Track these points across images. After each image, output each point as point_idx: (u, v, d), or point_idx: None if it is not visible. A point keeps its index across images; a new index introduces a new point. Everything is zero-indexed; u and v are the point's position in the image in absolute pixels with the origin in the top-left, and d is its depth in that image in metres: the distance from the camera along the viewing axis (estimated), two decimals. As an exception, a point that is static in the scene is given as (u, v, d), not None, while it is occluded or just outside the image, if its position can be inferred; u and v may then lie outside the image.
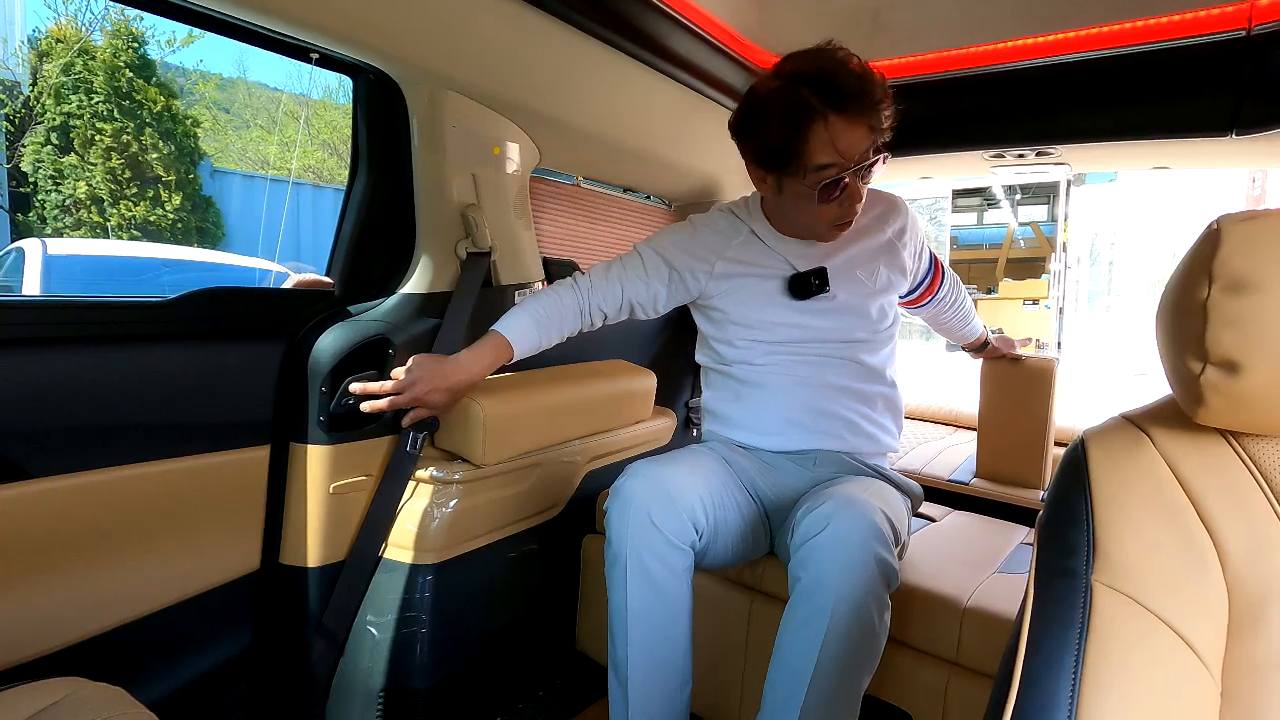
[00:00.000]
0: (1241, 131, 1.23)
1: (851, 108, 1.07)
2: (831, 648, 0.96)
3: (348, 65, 1.15)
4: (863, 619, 0.97)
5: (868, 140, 1.11)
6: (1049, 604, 0.53)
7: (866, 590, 0.97)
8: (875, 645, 1.00)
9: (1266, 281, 0.49)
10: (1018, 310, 9.83)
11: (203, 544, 1.09)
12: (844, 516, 1.00)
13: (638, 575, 1.08)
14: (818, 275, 1.25)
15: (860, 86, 1.07)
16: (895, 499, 1.20)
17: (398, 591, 1.24)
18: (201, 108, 9.51)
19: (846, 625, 0.96)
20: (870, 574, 0.98)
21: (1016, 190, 6.17)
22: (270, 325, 1.17)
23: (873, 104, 1.08)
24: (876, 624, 0.99)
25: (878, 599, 0.99)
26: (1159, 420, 0.59)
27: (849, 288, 1.27)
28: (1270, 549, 0.52)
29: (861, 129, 1.09)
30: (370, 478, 1.26)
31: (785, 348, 1.28)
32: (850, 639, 0.96)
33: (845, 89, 1.06)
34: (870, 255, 1.30)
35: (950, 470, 1.95)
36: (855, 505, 1.02)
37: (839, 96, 1.06)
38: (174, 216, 7.14)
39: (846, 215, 1.19)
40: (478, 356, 1.20)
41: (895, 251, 1.32)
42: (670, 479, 1.11)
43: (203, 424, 1.06)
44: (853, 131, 1.08)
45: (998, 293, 10.03)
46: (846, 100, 1.06)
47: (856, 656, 0.98)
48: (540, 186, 1.66)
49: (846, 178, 1.12)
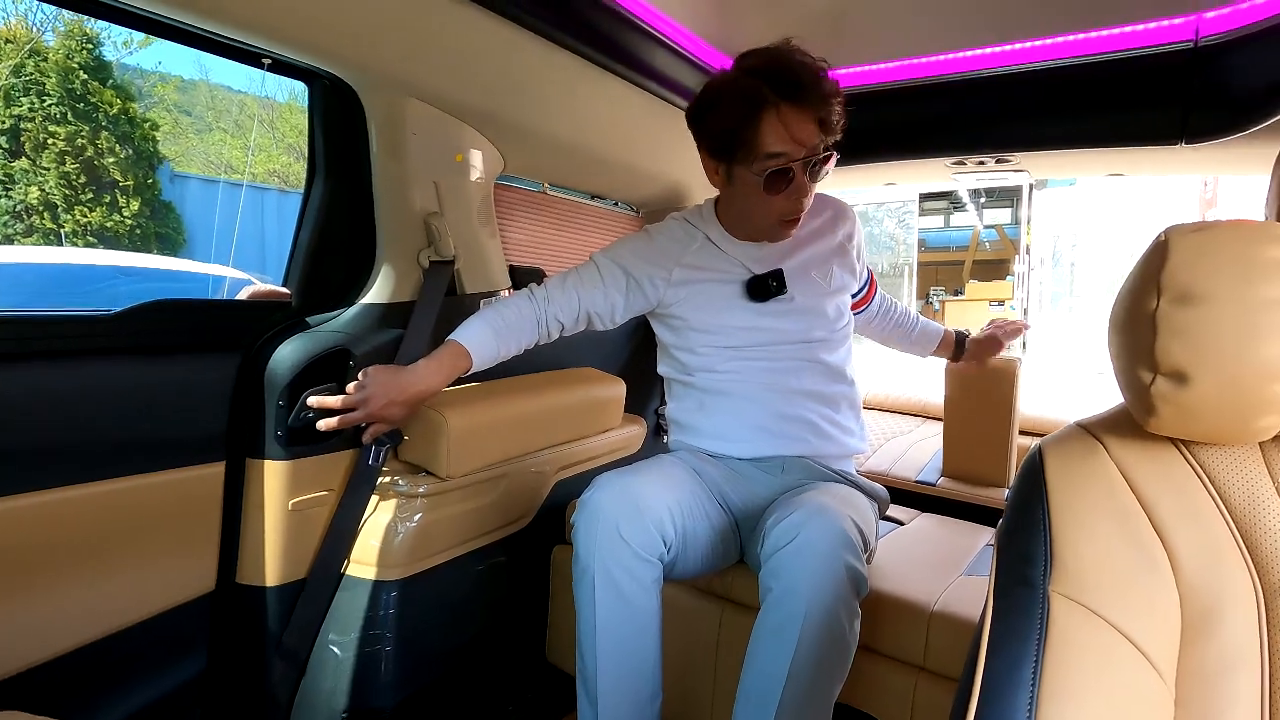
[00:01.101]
0: (1191, 140, 1.26)
1: (802, 98, 1.10)
2: (803, 657, 0.95)
3: (302, 71, 1.12)
4: (834, 627, 0.97)
5: (817, 134, 1.13)
6: (1008, 615, 0.54)
7: (837, 598, 0.97)
8: (846, 653, 1.01)
9: (1213, 293, 0.50)
10: (984, 311, 10.06)
11: (154, 566, 1.05)
12: (814, 525, 1.00)
13: (606, 588, 1.07)
14: (775, 277, 1.27)
15: (812, 79, 1.10)
16: (863, 505, 1.21)
17: (361, 609, 1.21)
18: (161, 110, 9.28)
19: (818, 634, 0.96)
20: (841, 582, 0.98)
21: (981, 194, 6.30)
22: (224, 337, 1.13)
23: (822, 97, 1.10)
24: (847, 632, 1.00)
25: (848, 607, 0.99)
26: (1113, 429, 0.59)
27: (806, 288, 1.29)
28: (1220, 556, 0.53)
29: (811, 121, 1.11)
30: (331, 493, 1.23)
31: (746, 352, 1.28)
32: (822, 648, 0.96)
33: (797, 80, 1.09)
34: (824, 257, 1.32)
35: (917, 469, 1.97)
36: (825, 514, 1.02)
37: (791, 87, 1.09)
38: (132, 222, 6.94)
39: (794, 210, 1.20)
40: (435, 367, 1.18)
41: (846, 253, 1.35)
42: (638, 491, 1.10)
43: (152, 441, 1.02)
44: (802, 122, 1.11)
45: (965, 294, 10.23)
46: (797, 91, 1.09)
47: (828, 665, 0.98)
48: (505, 194, 1.64)
49: (794, 169, 1.14)
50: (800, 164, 1.14)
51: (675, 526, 1.12)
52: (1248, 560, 0.52)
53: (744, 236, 1.30)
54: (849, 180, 1.90)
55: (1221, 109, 1.20)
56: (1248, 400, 0.50)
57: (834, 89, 1.12)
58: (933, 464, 1.99)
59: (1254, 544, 0.52)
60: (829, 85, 1.12)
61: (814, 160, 1.14)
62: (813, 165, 1.15)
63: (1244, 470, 0.54)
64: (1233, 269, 0.49)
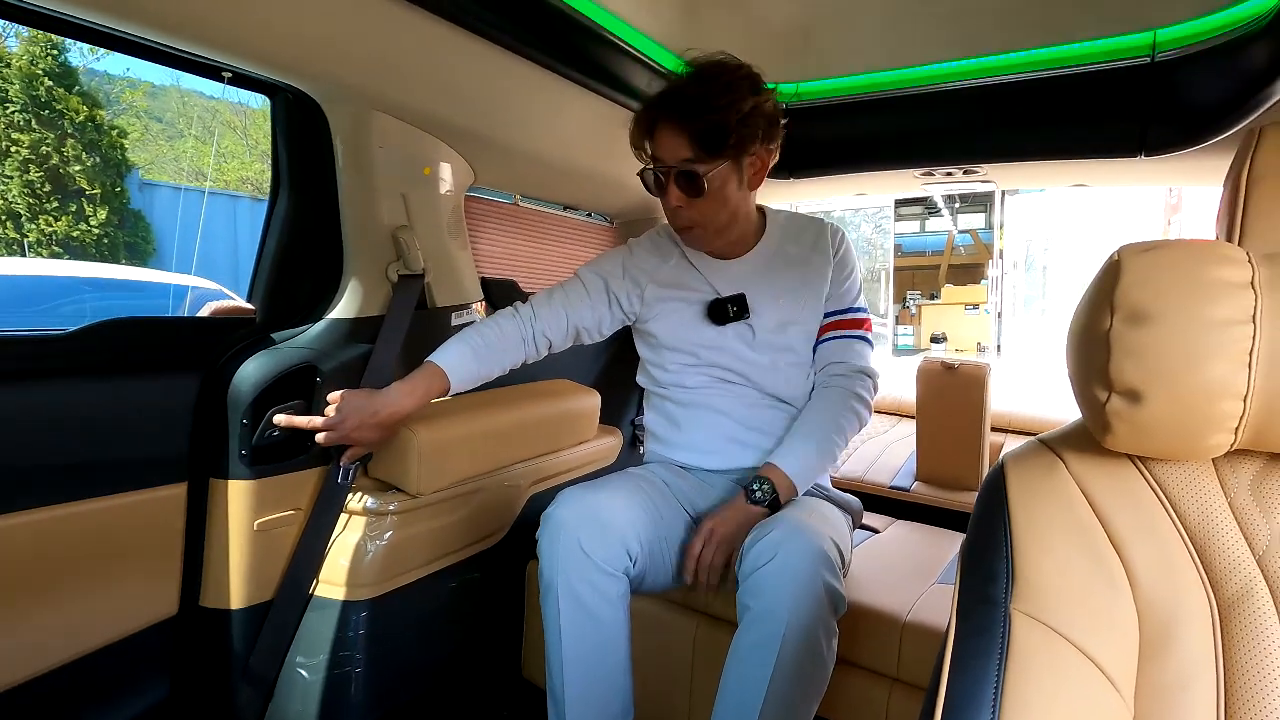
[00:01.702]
0: (1150, 153, 1.29)
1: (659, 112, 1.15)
2: (781, 678, 0.95)
3: (264, 84, 1.10)
4: (812, 647, 0.97)
5: (680, 141, 1.13)
6: (970, 635, 0.54)
7: (816, 618, 0.97)
8: (824, 672, 1.01)
9: (1163, 313, 0.50)
10: (960, 315, 10.18)
11: (114, 590, 1.02)
12: (793, 544, 1.00)
13: (570, 603, 1.07)
14: (736, 301, 1.26)
15: (667, 94, 1.15)
16: (839, 520, 1.21)
17: (330, 630, 1.19)
18: (131, 117, 9.11)
19: (796, 654, 0.96)
20: (819, 602, 0.98)
21: (956, 199, 6.39)
22: (185, 355, 1.11)
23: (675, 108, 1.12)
24: (825, 651, 1.00)
25: (826, 626, 1.00)
26: (1072, 444, 0.60)
27: (770, 315, 1.27)
28: (1175, 572, 0.53)
29: (670, 129, 1.13)
30: (299, 512, 1.20)
31: (714, 370, 1.29)
32: (800, 667, 0.96)
33: (655, 99, 1.16)
34: (795, 283, 1.29)
35: (892, 475, 1.99)
36: (804, 533, 1.02)
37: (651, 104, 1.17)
38: (99, 231, 6.80)
39: (675, 218, 1.21)
40: (409, 389, 1.16)
41: (821, 280, 1.30)
42: (601, 505, 1.09)
43: (111, 463, 1.00)
44: (663, 132, 1.14)
45: (941, 298, 10.35)
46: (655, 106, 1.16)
47: (805, 685, 0.98)
48: (476, 206, 1.63)
49: (659, 173, 1.17)
50: (666, 170, 1.15)
51: (640, 540, 1.11)
52: (1202, 576, 0.53)
53: (714, 252, 1.30)
54: (820, 190, 1.92)
55: (1177, 123, 1.22)
56: (1198, 419, 0.50)
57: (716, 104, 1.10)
58: (907, 468, 2.01)
59: (1208, 560, 0.53)
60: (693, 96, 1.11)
61: (678, 169, 1.14)
62: (682, 176, 1.14)
63: (1198, 486, 0.55)
64: (1181, 289, 0.50)
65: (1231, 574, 0.52)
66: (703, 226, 1.20)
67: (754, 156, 1.17)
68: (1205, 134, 1.20)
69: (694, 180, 1.14)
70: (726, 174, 1.15)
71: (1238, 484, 0.54)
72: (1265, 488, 0.54)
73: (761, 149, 1.17)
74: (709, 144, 1.12)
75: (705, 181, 1.14)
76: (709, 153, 1.12)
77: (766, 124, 1.16)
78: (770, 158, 1.21)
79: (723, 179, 1.15)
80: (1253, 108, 1.09)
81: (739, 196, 1.20)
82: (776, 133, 1.19)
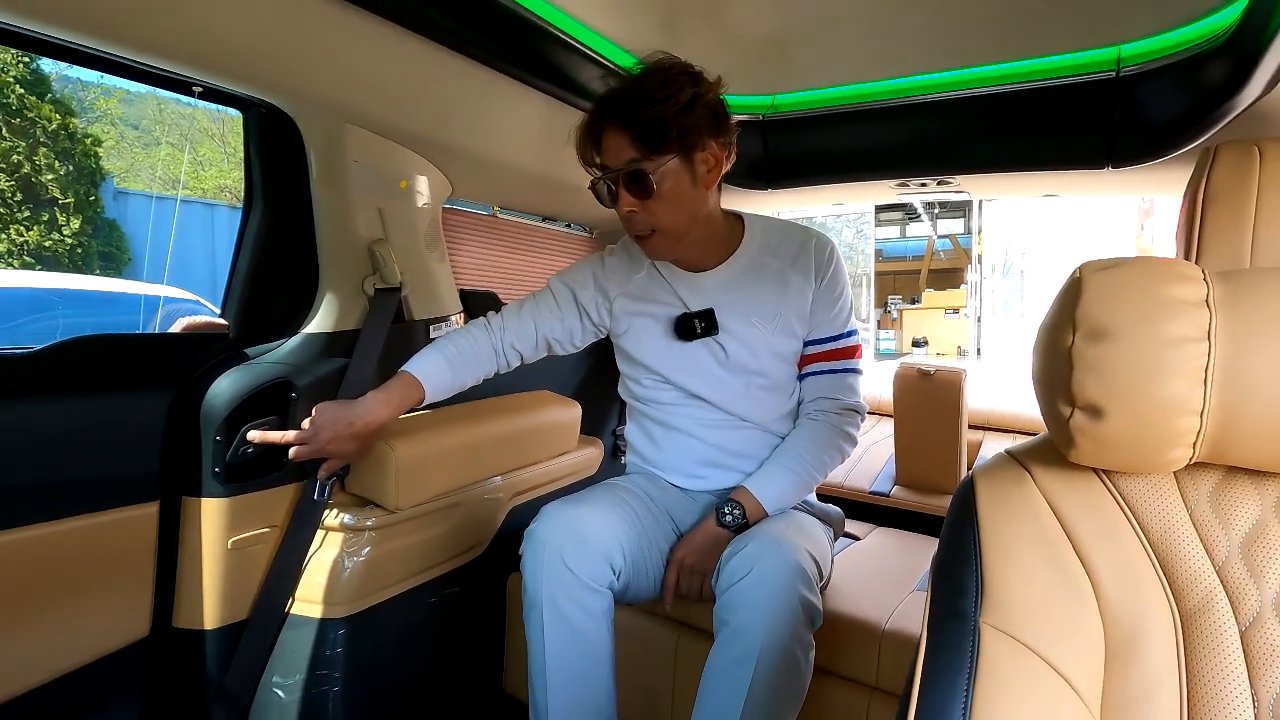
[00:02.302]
0: (1116, 165, 1.32)
1: (598, 116, 1.11)
2: (758, 694, 0.95)
3: (236, 98, 1.09)
4: (789, 662, 0.97)
5: (623, 142, 1.08)
6: (940, 650, 0.54)
7: (792, 634, 0.97)
8: (800, 686, 1.01)
9: (1122, 330, 0.51)
10: (940, 319, 10.39)
11: (84, 613, 1.00)
12: (769, 559, 1.00)
13: (554, 619, 1.06)
14: (704, 317, 1.21)
15: (605, 99, 1.11)
16: (818, 532, 1.20)
17: (306, 649, 1.17)
18: (106, 124, 8.97)
19: (772, 670, 0.96)
20: (795, 617, 0.98)
21: (935, 205, 6.44)
22: (156, 372, 1.09)
23: (613, 109, 1.08)
24: (802, 665, 1.00)
25: (802, 641, 1.00)
26: (1039, 458, 0.61)
27: (742, 333, 1.21)
28: (1139, 583, 0.54)
29: (612, 132, 1.09)
30: (274, 529, 1.19)
31: (687, 389, 1.25)
32: (776, 682, 0.96)
33: (595, 105, 1.12)
34: (770, 301, 1.21)
35: (871, 479, 2.00)
36: (780, 547, 1.01)
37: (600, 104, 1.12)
38: (72, 241, 6.68)
39: (629, 224, 1.15)
40: (385, 398, 1.15)
41: (799, 301, 1.21)
42: (584, 520, 1.09)
43: (80, 483, 0.98)
44: (606, 136, 1.10)
45: (921, 302, 10.54)
46: (594, 112, 1.12)
47: (782, 700, 0.98)
48: (455, 218, 1.62)
49: (606, 180, 1.12)
50: (612, 175, 1.10)
51: (624, 554, 1.11)
52: (1165, 587, 0.54)
53: (683, 263, 1.26)
54: (798, 200, 1.93)
55: (1141, 136, 1.25)
56: (1157, 434, 0.51)
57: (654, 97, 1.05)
58: (886, 471, 2.02)
59: (1171, 571, 0.54)
60: (629, 94, 1.08)
61: (624, 171, 1.09)
62: (629, 179, 1.09)
63: (1160, 499, 0.56)
64: (1139, 307, 0.51)
65: (1193, 585, 0.53)
66: (661, 232, 1.13)
67: (705, 152, 1.11)
68: (1168, 147, 1.22)
69: (642, 180, 1.08)
70: (676, 171, 1.09)
71: (1198, 496, 0.55)
72: (1224, 500, 0.55)
73: (713, 144, 1.11)
74: (651, 139, 1.07)
75: (653, 180, 1.08)
76: (652, 149, 1.07)
77: (711, 115, 1.10)
78: (724, 154, 1.14)
79: (673, 177, 1.09)
80: (1212, 122, 1.11)
81: (695, 197, 1.13)
82: (726, 127, 1.13)
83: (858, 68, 1.42)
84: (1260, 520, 0.53)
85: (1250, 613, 0.51)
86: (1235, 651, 0.51)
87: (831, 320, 1.23)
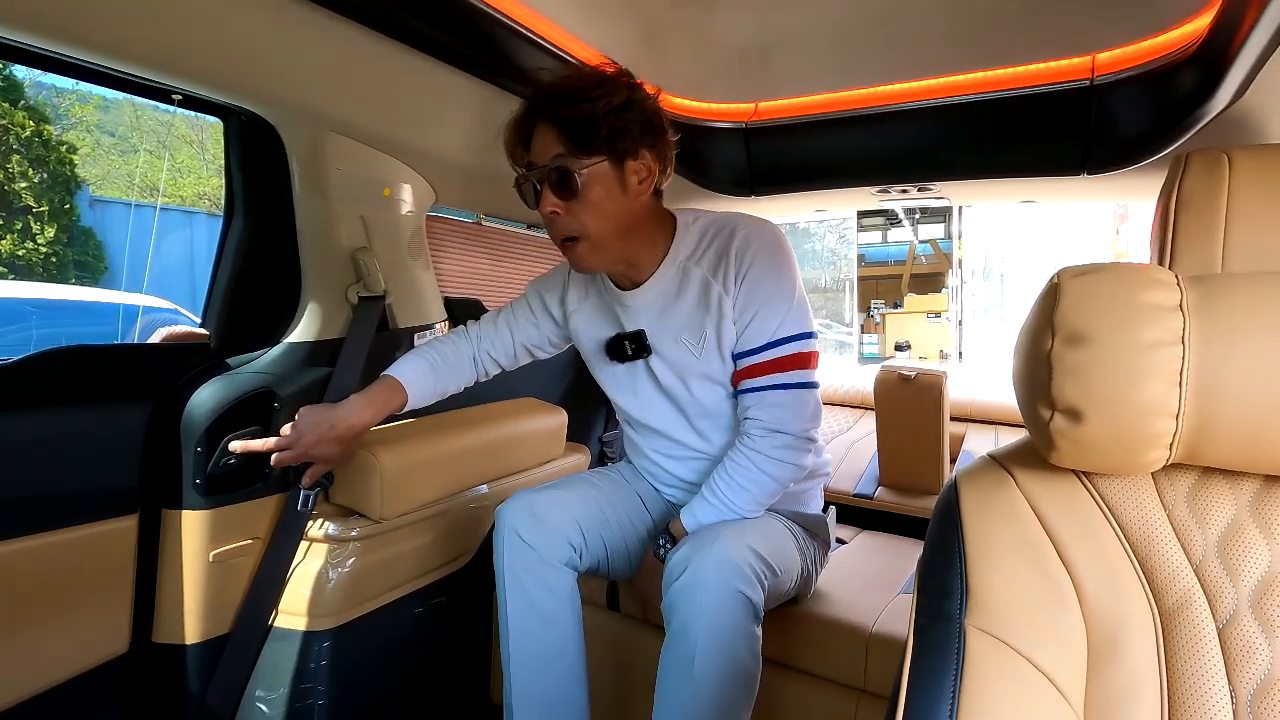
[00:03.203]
0: (1092, 172, 1.34)
1: (525, 112, 1.05)
2: (705, 693, 0.96)
3: (217, 107, 1.08)
4: (733, 658, 0.97)
5: (550, 138, 1.02)
6: (927, 653, 0.55)
7: (733, 629, 0.97)
8: (748, 680, 1.00)
9: (1099, 334, 0.52)
10: (923, 323, 10.45)
11: (61, 629, 0.98)
12: (701, 557, 0.99)
13: (516, 594, 1.11)
14: (635, 339, 1.16)
15: (533, 96, 1.04)
16: (774, 530, 1.13)
17: (290, 662, 1.16)
18: (81, 132, 8.84)
19: (717, 667, 0.96)
20: (733, 613, 0.98)
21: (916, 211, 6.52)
22: (135, 383, 1.08)
23: (542, 103, 1.03)
24: (747, 659, 0.99)
25: (745, 635, 0.99)
26: (1021, 461, 0.62)
27: (673, 355, 1.15)
28: (1120, 583, 0.55)
29: (539, 128, 1.03)
30: (257, 541, 1.17)
31: (633, 416, 1.24)
32: (723, 679, 0.97)
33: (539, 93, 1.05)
34: (694, 312, 1.12)
35: (855, 479, 2.01)
36: (714, 543, 1.00)
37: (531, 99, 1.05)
38: (47, 250, 6.57)
39: (552, 228, 1.08)
40: (367, 401, 1.14)
41: (720, 315, 1.11)
42: (539, 500, 1.14)
43: (56, 496, 0.96)
44: (534, 132, 1.04)
45: (904, 307, 10.61)
46: (522, 107, 1.06)
47: (729, 696, 0.98)
48: (439, 225, 1.62)
49: (529, 179, 1.06)
50: (535, 173, 1.04)
51: (583, 533, 1.15)
52: (1145, 586, 0.55)
53: (616, 274, 1.18)
54: (780, 207, 1.95)
55: (1116, 143, 1.28)
56: (1135, 436, 0.52)
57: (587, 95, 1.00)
58: (870, 470, 2.03)
59: (1150, 571, 0.55)
60: (560, 89, 1.02)
61: (550, 169, 1.02)
62: (555, 178, 1.02)
63: (1138, 500, 0.57)
64: (1115, 313, 0.52)
65: (1171, 584, 0.54)
66: (585, 239, 1.05)
67: (637, 161, 1.04)
68: (1141, 154, 1.25)
69: (566, 179, 1.01)
70: (604, 175, 1.02)
71: (1175, 497, 0.56)
72: (1200, 500, 0.56)
73: (647, 154, 1.05)
74: (579, 137, 1.00)
75: (579, 180, 1.01)
76: (580, 147, 1.01)
77: (646, 122, 1.04)
78: (659, 167, 1.07)
79: (600, 180, 1.02)
80: (1184, 130, 1.14)
81: (623, 206, 1.05)
82: (661, 141, 1.07)
83: (839, 76, 1.43)
84: (1235, 519, 0.54)
85: (1227, 610, 0.52)
86: (1213, 649, 0.52)
87: (757, 327, 1.09)
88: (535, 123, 1.04)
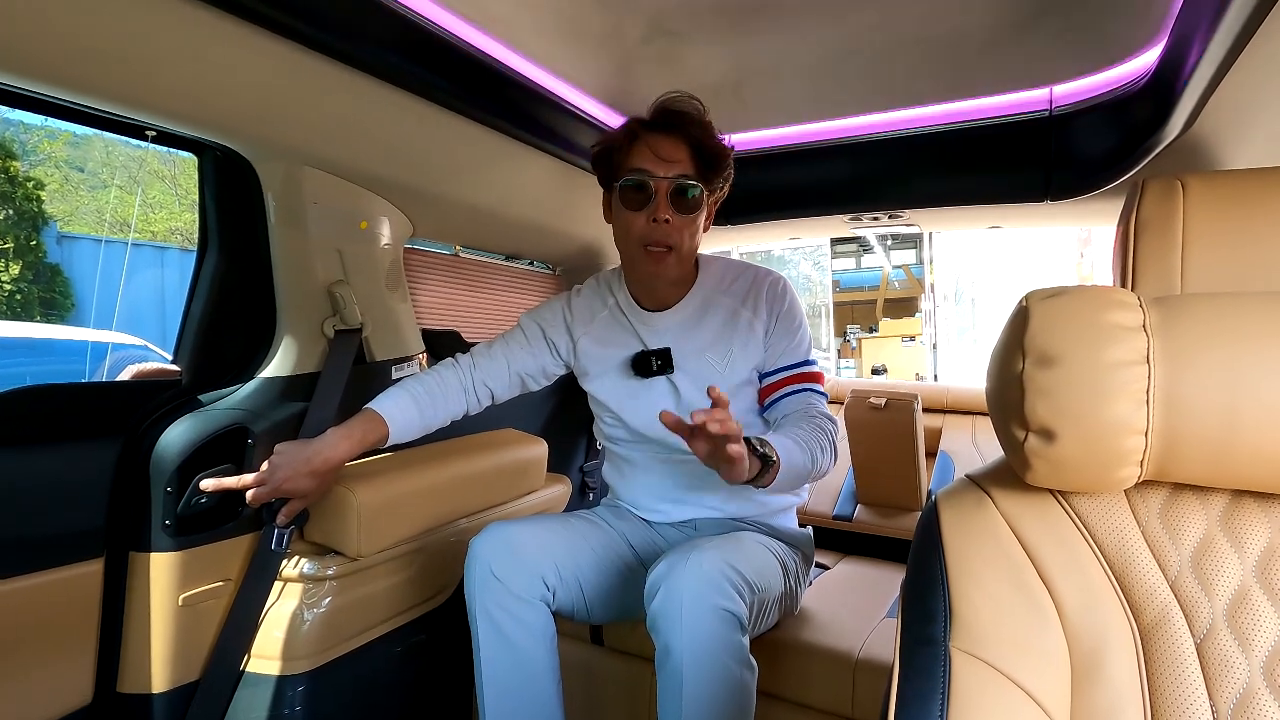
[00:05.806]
0: (1054, 198, 1.39)
1: (663, 124, 1.15)
2: (694, 708, 0.94)
3: (190, 142, 1.08)
4: (722, 673, 0.96)
5: (687, 159, 1.13)
6: (913, 677, 0.55)
7: (718, 643, 0.96)
8: (744, 694, 0.99)
9: (1067, 355, 0.54)
10: (898, 347, 10.62)
11: (19, 681, 0.94)
12: (677, 575, 0.99)
13: (487, 628, 1.10)
14: (661, 356, 1.23)
15: (679, 112, 1.15)
16: (753, 547, 1.14)
17: (264, 707, 1.12)
18: (50, 167, 8.73)
19: (707, 684, 0.95)
20: (713, 627, 0.96)
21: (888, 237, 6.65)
22: (103, 422, 1.05)
23: (684, 122, 1.14)
24: (738, 674, 0.98)
25: (733, 649, 0.97)
26: (998, 481, 0.62)
27: (697, 372, 1.23)
28: (1099, 600, 0.56)
29: (678, 145, 1.14)
30: (228, 583, 1.14)
31: (641, 430, 1.26)
32: (714, 697, 0.95)
33: (663, 110, 1.16)
34: (720, 332, 1.23)
35: (833, 499, 2.00)
36: (688, 561, 0.99)
37: (659, 114, 1.16)
38: (12, 287, 6.43)
39: (652, 234, 1.14)
40: (345, 433, 1.13)
41: (751, 337, 1.23)
42: (514, 534, 1.13)
43: (16, 541, 0.93)
44: (668, 145, 1.13)
45: (879, 331, 10.80)
46: (665, 117, 1.15)
47: (726, 709, 0.96)
48: (416, 257, 1.62)
49: (651, 185, 1.12)
50: (661, 181, 1.12)
51: (559, 572, 1.13)
52: (1123, 603, 0.56)
53: (643, 296, 1.28)
54: (756, 235, 1.98)
55: (1075, 171, 1.32)
56: (1105, 454, 0.53)
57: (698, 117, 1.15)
58: (848, 488, 2.03)
59: (1127, 588, 0.56)
60: (694, 114, 1.15)
61: (676, 181, 1.12)
62: (677, 189, 1.12)
63: (1113, 517, 0.58)
64: (1082, 334, 0.54)
65: (1149, 600, 0.55)
66: (677, 251, 1.16)
67: (714, 200, 1.20)
68: (1101, 181, 1.30)
69: (688, 196, 1.13)
70: (706, 204, 1.17)
71: (1148, 513, 0.58)
72: (1172, 515, 0.57)
73: (720, 193, 1.21)
74: (709, 166, 1.15)
75: (699, 200, 1.14)
76: (706, 173, 1.15)
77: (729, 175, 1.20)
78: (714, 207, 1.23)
79: (706, 208, 1.17)
80: (1140, 157, 1.19)
81: (700, 234, 1.19)
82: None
83: (809, 108, 1.47)
84: (1206, 534, 0.55)
85: (1204, 625, 0.53)
86: (1192, 663, 0.53)
87: (793, 350, 1.24)
88: (667, 133, 1.14)
